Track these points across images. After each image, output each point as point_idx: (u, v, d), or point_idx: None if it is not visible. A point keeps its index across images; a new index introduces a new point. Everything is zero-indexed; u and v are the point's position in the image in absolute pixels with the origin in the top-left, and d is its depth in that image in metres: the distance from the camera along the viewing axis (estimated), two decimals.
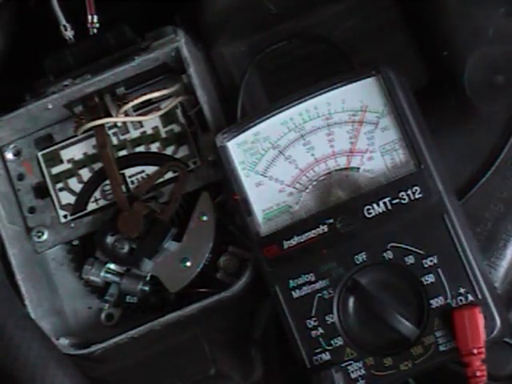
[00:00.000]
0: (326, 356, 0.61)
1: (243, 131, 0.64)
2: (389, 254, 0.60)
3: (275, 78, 0.70)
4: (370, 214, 0.61)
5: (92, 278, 0.68)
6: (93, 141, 0.70)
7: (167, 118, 0.70)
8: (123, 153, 0.70)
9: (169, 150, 0.70)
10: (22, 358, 0.63)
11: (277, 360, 0.70)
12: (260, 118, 0.64)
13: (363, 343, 0.61)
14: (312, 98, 0.63)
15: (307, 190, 0.63)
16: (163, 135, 0.70)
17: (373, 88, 0.62)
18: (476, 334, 0.59)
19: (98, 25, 0.71)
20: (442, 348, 0.60)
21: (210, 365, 0.67)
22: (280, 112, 0.64)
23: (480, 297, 0.60)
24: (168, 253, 0.67)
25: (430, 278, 0.60)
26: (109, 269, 0.68)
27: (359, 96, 0.63)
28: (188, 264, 0.67)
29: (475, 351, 0.59)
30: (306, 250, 0.61)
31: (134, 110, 0.70)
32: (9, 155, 0.72)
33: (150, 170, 0.69)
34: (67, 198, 0.71)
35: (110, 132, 0.70)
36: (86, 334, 0.70)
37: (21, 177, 0.71)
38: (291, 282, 0.62)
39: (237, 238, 0.67)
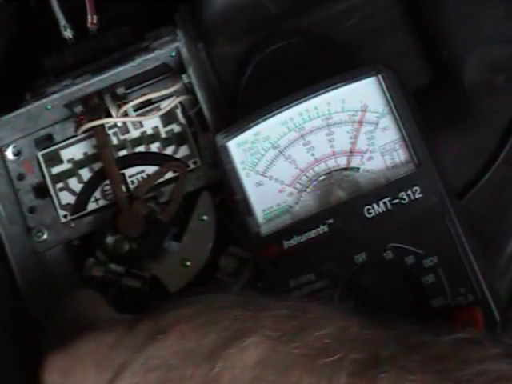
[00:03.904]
0: None
1: (243, 131, 0.64)
2: (389, 254, 0.60)
3: (275, 77, 0.70)
4: (370, 214, 0.61)
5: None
6: (93, 141, 0.70)
7: (167, 118, 0.70)
8: (123, 153, 0.70)
9: (169, 150, 0.70)
10: None
11: None
12: (260, 117, 0.64)
13: None
14: (312, 97, 0.63)
15: (307, 190, 0.63)
16: (163, 135, 0.70)
17: (373, 88, 0.62)
18: None
19: (98, 25, 0.71)
20: None
21: None
22: (280, 112, 0.64)
23: (480, 297, 0.60)
24: (168, 253, 0.67)
25: (429, 278, 0.60)
26: (109, 269, 0.68)
27: (359, 96, 0.63)
28: (188, 264, 0.67)
29: None
30: (306, 250, 0.61)
31: (134, 110, 0.70)
32: (9, 155, 0.72)
33: (150, 169, 0.69)
34: (67, 198, 0.71)
35: (110, 132, 0.70)
36: None
37: (21, 177, 0.71)
38: (291, 282, 0.62)
39: (237, 238, 0.67)
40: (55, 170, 0.71)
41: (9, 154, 0.72)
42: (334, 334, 0.49)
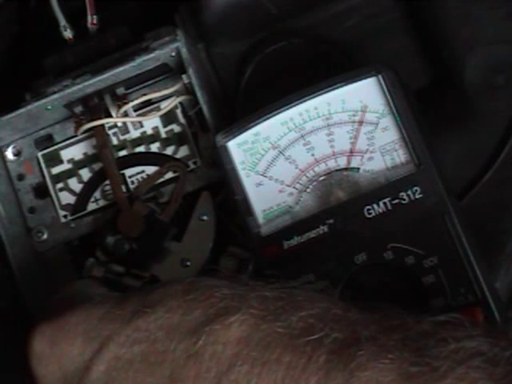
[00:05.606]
0: None
1: (243, 131, 0.64)
2: (389, 255, 0.60)
3: (275, 77, 0.70)
4: (370, 214, 0.61)
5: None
6: (93, 141, 0.70)
7: (167, 118, 0.70)
8: (123, 153, 0.70)
9: (169, 150, 0.70)
10: None
11: None
12: (260, 117, 0.64)
13: None
14: (312, 98, 0.63)
15: (307, 190, 0.63)
16: (163, 135, 0.70)
17: (373, 88, 0.62)
18: None
19: (98, 25, 0.71)
20: None
21: None
22: (280, 112, 0.64)
23: (480, 297, 0.59)
24: (168, 253, 0.67)
25: (430, 279, 0.60)
26: (109, 269, 0.68)
27: (359, 96, 0.63)
28: (188, 264, 0.67)
29: None
30: (306, 251, 0.61)
31: (134, 110, 0.70)
32: (9, 155, 0.72)
33: (150, 170, 0.69)
34: (67, 198, 0.71)
35: (110, 132, 0.70)
36: None
37: (21, 177, 0.71)
38: (291, 282, 0.62)
39: (237, 238, 0.67)
40: (55, 170, 0.71)
41: (9, 154, 0.72)
42: (318, 314, 0.50)
